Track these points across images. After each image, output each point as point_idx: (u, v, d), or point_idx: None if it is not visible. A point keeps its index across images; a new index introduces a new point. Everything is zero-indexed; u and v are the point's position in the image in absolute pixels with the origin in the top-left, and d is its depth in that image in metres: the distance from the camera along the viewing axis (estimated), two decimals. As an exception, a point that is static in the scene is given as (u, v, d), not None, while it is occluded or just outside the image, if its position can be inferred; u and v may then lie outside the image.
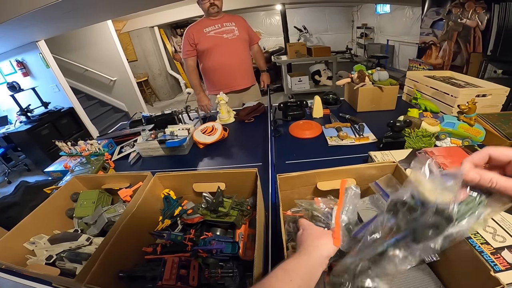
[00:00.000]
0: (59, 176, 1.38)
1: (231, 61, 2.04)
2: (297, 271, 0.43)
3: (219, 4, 1.91)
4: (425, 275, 0.56)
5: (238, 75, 2.10)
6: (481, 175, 0.32)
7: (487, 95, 1.24)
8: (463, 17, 3.35)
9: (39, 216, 0.81)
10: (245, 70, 2.14)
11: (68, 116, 3.80)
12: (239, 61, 2.07)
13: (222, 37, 1.98)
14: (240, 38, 2.03)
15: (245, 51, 2.10)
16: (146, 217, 0.77)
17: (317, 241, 0.49)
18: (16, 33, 2.69)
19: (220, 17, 1.99)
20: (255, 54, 2.27)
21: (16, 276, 0.84)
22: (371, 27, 7.48)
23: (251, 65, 2.20)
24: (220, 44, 1.98)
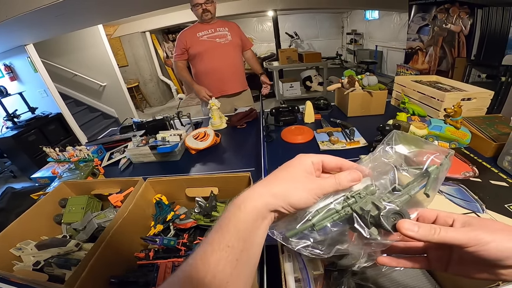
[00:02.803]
0: (47, 182, 1.35)
1: (223, 65, 2.05)
2: (232, 232, 0.32)
3: (212, 10, 1.93)
4: (420, 275, 0.57)
5: (229, 80, 2.12)
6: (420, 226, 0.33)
7: (472, 98, 1.28)
8: (448, 22, 3.46)
9: (26, 222, 0.79)
10: (237, 75, 2.15)
11: (56, 122, 3.72)
12: (231, 65, 2.08)
13: (215, 41, 1.99)
14: (233, 43, 2.05)
15: (237, 56, 2.12)
16: (138, 223, 0.76)
17: (275, 181, 0.37)
18: (4, 36, 2.65)
19: (213, 22, 2.02)
20: (249, 60, 2.28)
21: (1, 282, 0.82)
22: (360, 33, 7.65)
23: (243, 70, 2.22)
24: (213, 48, 2.00)
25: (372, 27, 7.13)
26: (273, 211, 0.35)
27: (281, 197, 0.35)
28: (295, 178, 0.36)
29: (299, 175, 0.37)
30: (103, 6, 2.38)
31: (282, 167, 0.39)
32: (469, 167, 0.89)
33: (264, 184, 0.36)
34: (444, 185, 0.81)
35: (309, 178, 0.37)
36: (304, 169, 0.37)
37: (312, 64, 4.88)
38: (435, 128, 1.11)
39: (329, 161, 0.39)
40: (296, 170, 0.37)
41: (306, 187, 0.35)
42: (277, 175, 0.37)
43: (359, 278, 0.55)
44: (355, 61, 7.46)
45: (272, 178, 0.37)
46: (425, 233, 0.32)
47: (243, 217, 0.33)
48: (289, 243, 0.38)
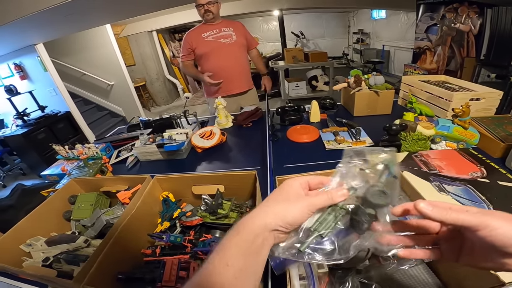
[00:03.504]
0: (56, 179, 1.38)
1: (228, 65, 2.06)
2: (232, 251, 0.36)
3: (214, 10, 1.95)
4: (424, 274, 0.56)
5: (235, 79, 2.13)
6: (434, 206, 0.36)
7: (480, 98, 1.26)
8: (457, 21, 3.41)
9: (36, 218, 0.81)
10: (242, 74, 2.17)
11: (64, 120, 3.78)
12: (236, 65, 2.10)
13: (220, 42, 2.01)
14: (238, 43, 2.06)
15: (242, 56, 2.14)
16: (145, 219, 0.77)
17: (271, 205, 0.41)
18: (14, 36, 2.70)
19: (218, 23, 2.03)
20: (254, 59, 2.30)
21: (10, 278, 0.83)
22: (367, 33, 7.59)
23: (248, 70, 2.23)
24: (218, 48, 2.02)
25: (379, 26, 7.07)
26: (273, 230, 0.38)
27: (279, 216, 0.38)
28: (288, 199, 0.41)
29: (291, 196, 0.41)
30: (111, 5, 2.41)
31: (274, 192, 0.43)
32: (477, 168, 0.89)
33: (262, 208, 0.40)
34: (451, 186, 0.80)
35: (300, 197, 0.41)
36: (294, 191, 0.42)
37: (318, 64, 4.85)
38: (442, 128, 1.11)
39: (312, 180, 0.44)
40: (287, 193, 0.42)
41: (300, 205, 0.39)
42: (273, 199, 0.42)
43: (363, 277, 0.55)
44: (362, 61, 7.40)
45: (268, 202, 0.41)
46: (439, 213, 0.35)
47: (245, 238, 0.36)
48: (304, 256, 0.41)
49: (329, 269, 0.55)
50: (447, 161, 0.92)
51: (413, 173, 0.87)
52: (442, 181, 0.83)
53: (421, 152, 0.99)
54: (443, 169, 0.88)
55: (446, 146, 1.11)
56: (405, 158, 0.96)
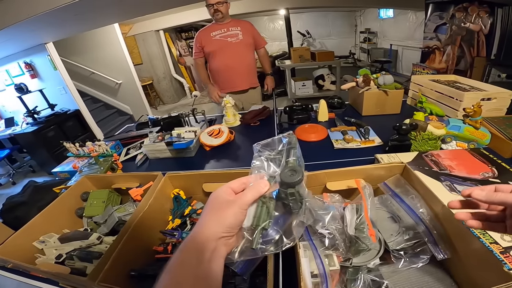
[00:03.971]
0: (67, 176, 1.40)
1: (231, 63, 2.14)
2: (179, 269, 0.37)
3: (223, 10, 2.01)
4: (436, 273, 0.56)
5: (237, 77, 2.20)
6: (486, 192, 0.42)
7: (491, 98, 1.25)
8: (467, 21, 3.37)
9: (48, 215, 0.82)
10: (245, 73, 2.23)
11: (74, 118, 3.84)
12: (240, 63, 2.17)
13: (227, 41, 2.08)
14: (244, 42, 2.12)
15: (247, 55, 2.18)
16: (157, 217, 0.78)
17: (204, 219, 0.42)
18: (25, 34, 2.74)
19: (227, 22, 2.09)
20: (261, 58, 2.35)
21: (21, 275, 0.84)
22: (374, 32, 7.52)
23: (253, 68, 2.28)
24: (224, 47, 2.10)
25: (386, 25, 7.00)
26: (220, 238, 0.40)
27: (218, 224, 0.40)
28: (220, 207, 0.42)
29: (221, 205, 0.42)
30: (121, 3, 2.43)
31: (205, 208, 0.44)
32: (488, 168, 0.88)
33: (199, 224, 0.41)
34: (462, 185, 0.80)
35: (229, 202, 0.42)
36: (222, 199, 0.43)
37: (324, 63, 4.83)
38: (453, 128, 1.10)
39: (234, 184, 0.46)
40: (216, 203, 0.43)
41: (231, 207, 0.41)
42: (206, 213, 0.43)
43: (374, 275, 0.56)
44: (369, 60, 7.34)
45: (203, 218, 0.42)
46: (489, 196, 0.42)
47: (190, 256, 0.38)
48: (258, 252, 0.45)
49: (340, 267, 0.56)
50: (458, 161, 0.92)
51: (424, 173, 0.86)
52: (453, 181, 0.82)
53: (432, 151, 0.98)
54: (453, 169, 0.88)
55: (456, 146, 1.10)
56: (415, 158, 0.96)
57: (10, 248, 0.70)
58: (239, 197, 0.43)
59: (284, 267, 0.58)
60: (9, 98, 3.98)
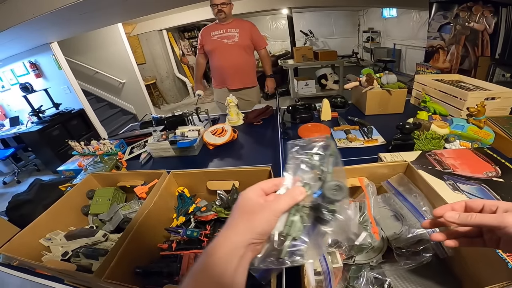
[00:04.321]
0: (72, 175, 1.42)
1: (224, 64, 2.23)
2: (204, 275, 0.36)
3: (226, 10, 2.06)
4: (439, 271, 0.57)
5: (228, 77, 2.28)
6: (459, 214, 0.42)
7: (495, 98, 1.24)
8: (471, 20, 3.35)
9: (54, 213, 0.82)
10: (236, 74, 2.27)
11: (78, 118, 3.87)
12: (231, 65, 2.23)
13: (223, 42, 2.15)
14: (238, 44, 2.16)
15: (240, 57, 2.22)
16: (161, 214, 0.79)
17: (235, 222, 0.39)
18: (30, 34, 2.77)
19: (228, 22, 2.14)
20: (261, 59, 2.39)
21: (26, 273, 0.84)
22: (377, 31, 7.49)
23: (246, 70, 2.30)
24: (219, 48, 2.18)
25: (389, 25, 6.96)
26: (249, 245, 0.37)
27: (249, 230, 0.37)
28: (252, 211, 0.39)
29: (253, 208, 0.40)
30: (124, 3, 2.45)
31: (234, 210, 0.41)
32: (492, 167, 0.88)
33: (228, 228, 0.39)
34: (465, 185, 0.80)
35: (262, 206, 0.40)
36: (253, 202, 0.41)
37: (327, 62, 4.82)
38: (457, 128, 1.10)
39: (266, 185, 0.44)
40: (247, 206, 0.40)
41: (265, 213, 0.39)
42: (236, 216, 0.40)
43: (377, 272, 0.56)
44: (372, 60, 7.32)
45: (233, 220, 0.40)
46: (464, 218, 0.41)
47: (217, 262, 0.35)
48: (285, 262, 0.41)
49: (343, 264, 0.56)
50: (462, 160, 0.91)
51: (427, 172, 0.86)
52: (457, 180, 0.82)
53: (435, 151, 0.98)
54: (457, 168, 0.88)
55: (460, 145, 1.10)
56: (418, 157, 0.96)
57: (17, 245, 0.70)
58: (272, 202, 0.40)
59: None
60: (14, 97, 4.02)
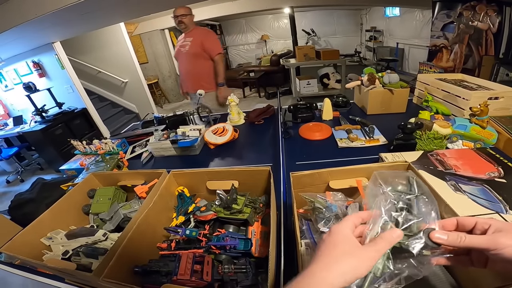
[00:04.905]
0: (74, 174, 1.42)
1: (181, 70, 2.57)
2: None
3: (185, 21, 2.28)
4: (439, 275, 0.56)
5: (183, 82, 2.59)
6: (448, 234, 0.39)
7: (499, 97, 1.23)
8: (475, 19, 3.32)
9: (56, 212, 0.82)
10: (190, 80, 2.49)
11: (81, 117, 3.89)
12: (184, 71, 2.51)
13: (180, 50, 2.40)
14: (189, 53, 2.35)
15: (190, 64, 2.42)
16: (161, 214, 0.79)
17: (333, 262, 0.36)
18: (33, 34, 2.79)
19: (188, 32, 2.36)
20: (215, 65, 2.43)
21: (28, 272, 0.85)
22: (380, 30, 7.45)
23: (199, 76, 2.45)
24: (178, 55, 2.48)
25: (392, 24, 6.92)
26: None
27: (348, 274, 0.35)
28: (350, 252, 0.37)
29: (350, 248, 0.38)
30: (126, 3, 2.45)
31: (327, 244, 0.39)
32: (494, 168, 0.87)
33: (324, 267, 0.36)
34: (467, 185, 0.79)
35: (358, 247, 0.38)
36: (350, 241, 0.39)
37: (330, 62, 4.81)
38: (459, 127, 1.09)
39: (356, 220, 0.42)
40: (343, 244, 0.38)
41: (364, 257, 0.37)
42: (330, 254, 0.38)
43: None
44: (375, 59, 7.29)
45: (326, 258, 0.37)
46: (453, 240, 0.38)
47: None
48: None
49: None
50: (464, 160, 0.91)
51: (429, 172, 0.86)
52: (458, 180, 0.82)
53: (437, 151, 0.97)
54: (459, 168, 0.87)
55: (462, 145, 1.09)
56: (420, 157, 0.95)
57: (18, 244, 0.70)
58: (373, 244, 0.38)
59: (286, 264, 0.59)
60: (17, 97, 4.05)
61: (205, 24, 8.09)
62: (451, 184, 0.80)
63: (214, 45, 2.35)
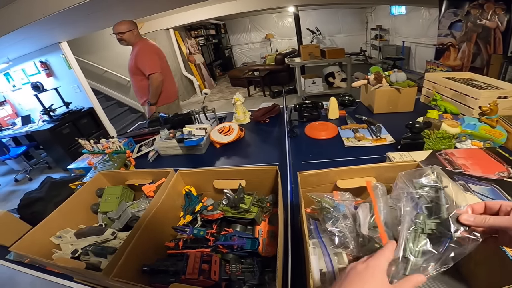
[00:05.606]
0: (82, 173, 1.44)
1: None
2: None
3: (126, 38, 2.20)
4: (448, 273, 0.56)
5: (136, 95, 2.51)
6: (474, 217, 0.43)
7: (508, 96, 1.21)
8: (483, 18, 3.28)
9: (65, 211, 0.83)
10: (136, 93, 2.47)
11: (88, 116, 3.93)
12: (133, 85, 2.44)
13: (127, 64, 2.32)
14: (129, 68, 2.32)
15: (131, 79, 2.38)
16: (169, 213, 0.80)
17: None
18: (39, 34, 2.81)
19: (133, 47, 2.27)
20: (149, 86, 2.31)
21: (37, 270, 0.87)
22: (385, 29, 7.38)
23: (137, 91, 2.43)
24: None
25: (398, 22, 6.85)
26: None
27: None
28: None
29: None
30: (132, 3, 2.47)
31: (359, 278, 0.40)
32: (504, 167, 0.86)
33: None
34: (477, 185, 0.78)
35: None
36: (384, 279, 0.40)
37: (335, 60, 4.78)
38: (468, 127, 1.07)
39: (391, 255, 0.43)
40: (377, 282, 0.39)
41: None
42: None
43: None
44: (381, 57, 7.22)
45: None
46: (479, 221, 0.43)
47: None
48: None
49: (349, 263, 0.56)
50: (473, 160, 0.90)
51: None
52: (467, 180, 0.81)
53: (446, 150, 0.96)
54: (468, 168, 0.86)
55: (471, 145, 1.08)
56: (428, 157, 0.94)
57: (28, 243, 0.71)
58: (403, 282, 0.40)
59: (293, 264, 0.59)
60: (25, 97, 4.11)
61: (210, 23, 8.11)
62: (460, 184, 0.79)
63: (145, 66, 2.23)
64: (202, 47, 7.75)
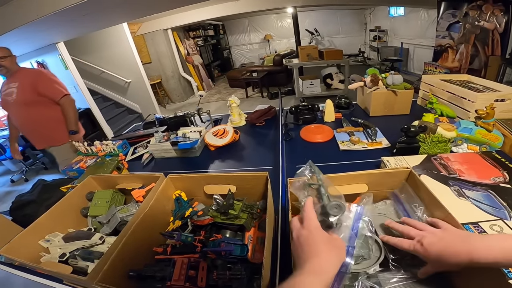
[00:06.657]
0: (75, 175, 1.42)
1: (18, 124, 2.02)
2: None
3: (5, 64, 1.82)
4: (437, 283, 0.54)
5: (30, 138, 2.08)
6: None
7: (506, 99, 1.20)
8: (481, 19, 3.28)
9: (55, 214, 0.82)
10: (33, 133, 2.05)
11: (85, 117, 3.90)
12: (21, 125, 2.01)
13: (8, 100, 1.89)
14: (18, 102, 1.88)
15: (23, 115, 1.95)
16: (158, 218, 0.78)
17: (319, 259, 0.42)
18: (35, 35, 2.79)
19: (11, 76, 1.89)
20: (63, 112, 1.99)
21: (28, 273, 0.85)
22: (384, 30, 7.39)
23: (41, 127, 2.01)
24: (7, 107, 1.95)
25: (397, 23, 6.86)
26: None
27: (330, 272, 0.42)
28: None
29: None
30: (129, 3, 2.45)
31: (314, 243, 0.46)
32: (500, 172, 0.84)
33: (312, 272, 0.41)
34: (471, 191, 0.77)
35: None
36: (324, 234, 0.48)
37: (333, 62, 4.77)
38: (464, 130, 1.06)
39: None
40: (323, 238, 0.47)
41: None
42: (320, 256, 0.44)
43: (374, 282, 0.54)
44: (379, 59, 7.23)
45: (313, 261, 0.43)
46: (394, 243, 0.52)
47: None
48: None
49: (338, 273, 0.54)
50: (468, 164, 0.88)
51: (432, 177, 0.84)
52: (462, 185, 0.80)
53: (441, 154, 0.95)
54: (463, 173, 0.85)
55: (467, 149, 1.06)
56: (423, 161, 0.93)
57: (17, 246, 0.70)
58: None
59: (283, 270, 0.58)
60: (22, 97, 4.06)
61: (208, 24, 8.11)
62: (454, 190, 0.78)
63: (51, 88, 1.91)
64: (201, 47, 7.75)
